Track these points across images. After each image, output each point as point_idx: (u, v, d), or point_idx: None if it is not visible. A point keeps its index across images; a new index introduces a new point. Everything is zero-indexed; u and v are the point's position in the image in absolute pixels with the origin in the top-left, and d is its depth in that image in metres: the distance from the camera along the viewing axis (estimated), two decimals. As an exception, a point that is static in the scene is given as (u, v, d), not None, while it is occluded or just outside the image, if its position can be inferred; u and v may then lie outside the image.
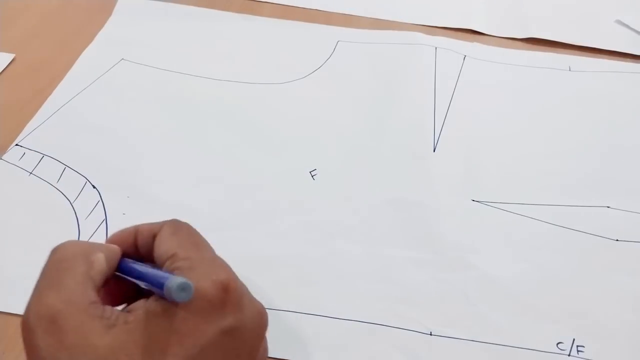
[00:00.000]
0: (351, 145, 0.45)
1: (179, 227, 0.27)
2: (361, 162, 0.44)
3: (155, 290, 0.23)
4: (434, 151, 0.45)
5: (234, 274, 0.25)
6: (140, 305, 0.23)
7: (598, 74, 0.54)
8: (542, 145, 0.46)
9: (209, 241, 0.28)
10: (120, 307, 0.24)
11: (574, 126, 0.48)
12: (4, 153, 0.42)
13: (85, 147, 0.43)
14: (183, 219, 0.39)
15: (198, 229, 0.38)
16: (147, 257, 0.27)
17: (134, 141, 0.44)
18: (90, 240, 0.37)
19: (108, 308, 0.23)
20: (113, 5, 0.57)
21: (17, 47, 0.51)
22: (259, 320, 0.25)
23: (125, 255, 0.27)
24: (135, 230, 0.28)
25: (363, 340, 0.34)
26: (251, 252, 0.37)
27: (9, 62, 0.50)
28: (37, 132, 0.44)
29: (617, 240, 0.40)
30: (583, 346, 0.34)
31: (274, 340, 0.33)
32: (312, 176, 0.42)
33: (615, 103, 0.51)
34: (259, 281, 0.36)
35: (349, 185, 0.42)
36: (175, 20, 0.56)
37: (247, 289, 0.26)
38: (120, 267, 0.26)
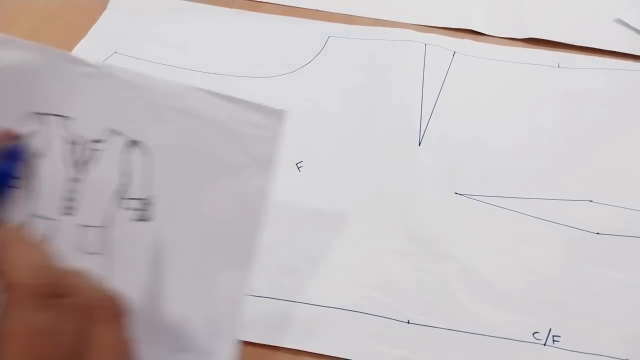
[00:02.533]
0: (337, 138, 0.46)
1: None
2: (347, 155, 0.44)
3: None
4: (420, 145, 0.45)
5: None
6: None
7: (586, 70, 0.54)
8: (526, 140, 0.47)
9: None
10: None
11: (559, 121, 0.49)
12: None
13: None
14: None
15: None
16: None
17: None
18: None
19: None
20: (111, 4, 0.58)
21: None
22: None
23: None
24: None
25: (341, 327, 0.34)
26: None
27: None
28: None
29: (597, 233, 0.40)
30: (559, 336, 0.35)
31: (255, 325, 0.34)
32: (298, 168, 0.43)
33: (601, 99, 0.51)
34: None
35: (334, 177, 0.43)
36: (167, 14, 0.57)
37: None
38: None
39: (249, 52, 0.53)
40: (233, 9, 0.58)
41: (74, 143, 0.29)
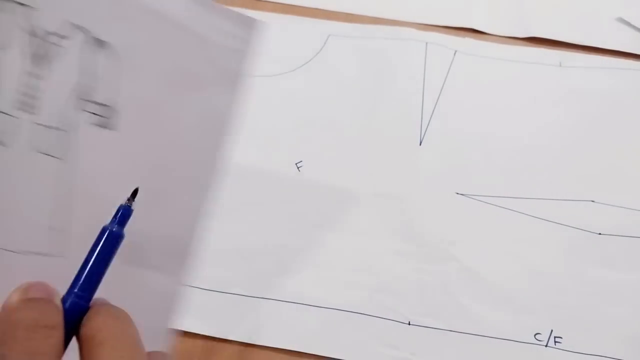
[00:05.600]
0: (337, 138, 0.45)
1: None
2: (347, 155, 0.44)
3: None
4: (420, 145, 0.45)
5: None
6: None
7: (588, 69, 0.54)
8: (528, 140, 0.46)
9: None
10: None
11: (560, 121, 0.48)
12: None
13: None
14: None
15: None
16: None
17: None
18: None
19: None
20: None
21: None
22: None
23: None
24: None
25: (342, 328, 0.34)
26: (235, 241, 0.38)
27: None
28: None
29: (599, 234, 0.40)
30: (561, 337, 0.35)
31: (256, 327, 0.34)
32: (298, 168, 0.43)
33: (603, 99, 0.51)
34: (243, 270, 0.36)
35: (334, 177, 0.42)
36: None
37: None
38: None
39: (249, 50, 0.53)
40: (232, 7, 0.58)
41: (33, 35, 0.26)
